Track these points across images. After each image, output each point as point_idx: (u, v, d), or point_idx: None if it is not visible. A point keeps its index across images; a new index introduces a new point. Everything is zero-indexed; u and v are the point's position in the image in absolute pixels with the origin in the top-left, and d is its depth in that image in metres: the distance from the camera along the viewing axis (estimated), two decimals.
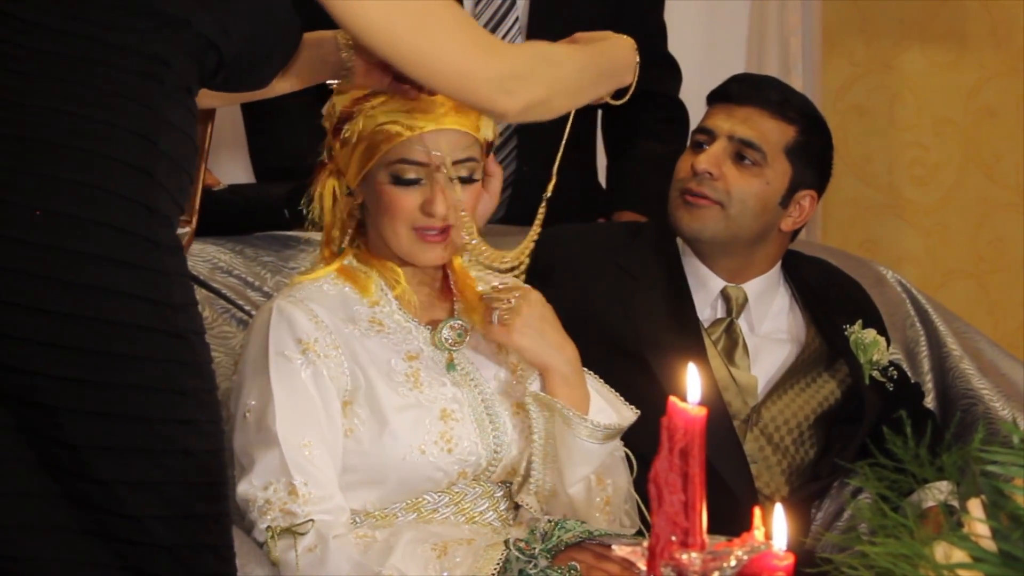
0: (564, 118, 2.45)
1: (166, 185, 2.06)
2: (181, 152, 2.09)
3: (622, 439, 2.59)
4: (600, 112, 3.44)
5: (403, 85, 2.43)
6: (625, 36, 2.43)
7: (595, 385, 2.57)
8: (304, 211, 2.56)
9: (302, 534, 2.35)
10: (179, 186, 2.09)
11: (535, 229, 2.50)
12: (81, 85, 2.02)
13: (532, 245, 2.51)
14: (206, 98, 2.25)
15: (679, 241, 2.94)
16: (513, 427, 2.52)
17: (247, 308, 2.82)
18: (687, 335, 2.85)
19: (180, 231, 2.44)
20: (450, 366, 2.52)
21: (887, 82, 4.61)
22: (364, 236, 2.54)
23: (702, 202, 2.84)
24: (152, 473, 2.03)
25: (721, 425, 2.78)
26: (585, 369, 2.56)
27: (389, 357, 2.48)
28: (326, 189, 2.52)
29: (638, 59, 2.45)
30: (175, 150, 2.08)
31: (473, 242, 2.46)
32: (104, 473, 2.01)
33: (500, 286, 2.52)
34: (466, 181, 2.46)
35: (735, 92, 2.89)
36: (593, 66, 2.41)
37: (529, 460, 2.50)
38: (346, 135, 2.45)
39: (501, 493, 2.55)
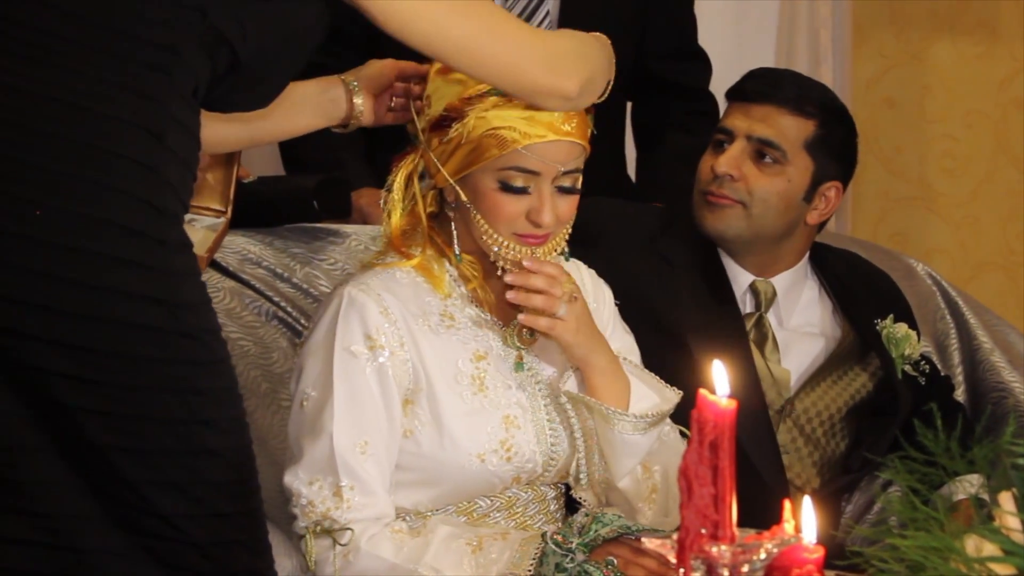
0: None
1: (173, 183, 2.03)
2: (186, 150, 2.06)
3: None
4: (630, 104, 3.45)
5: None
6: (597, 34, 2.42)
7: (634, 371, 2.53)
8: (329, 203, 2.56)
9: (342, 543, 2.33)
10: (185, 185, 2.07)
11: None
12: (87, 76, 1.99)
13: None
14: (223, 131, 2.25)
15: None
16: (566, 428, 2.50)
17: (276, 299, 2.82)
18: (729, 324, 2.85)
19: (215, 221, 2.61)
20: (518, 366, 2.48)
21: (917, 74, 4.60)
22: (439, 228, 2.49)
23: (724, 201, 2.83)
24: (176, 474, 2.02)
25: (758, 415, 2.77)
26: (622, 357, 2.53)
27: (456, 357, 2.44)
28: (404, 179, 2.47)
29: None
30: (181, 148, 2.05)
31: (561, 257, 2.45)
32: (127, 472, 2.01)
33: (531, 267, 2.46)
34: (569, 191, 2.43)
35: (752, 90, 2.87)
36: (601, 46, 2.40)
37: (578, 459, 2.49)
38: (453, 134, 2.39)
39: (552, 495, 2.54)
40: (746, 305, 2.91)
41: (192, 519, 2.03)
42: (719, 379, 1.72)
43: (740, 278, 2.91)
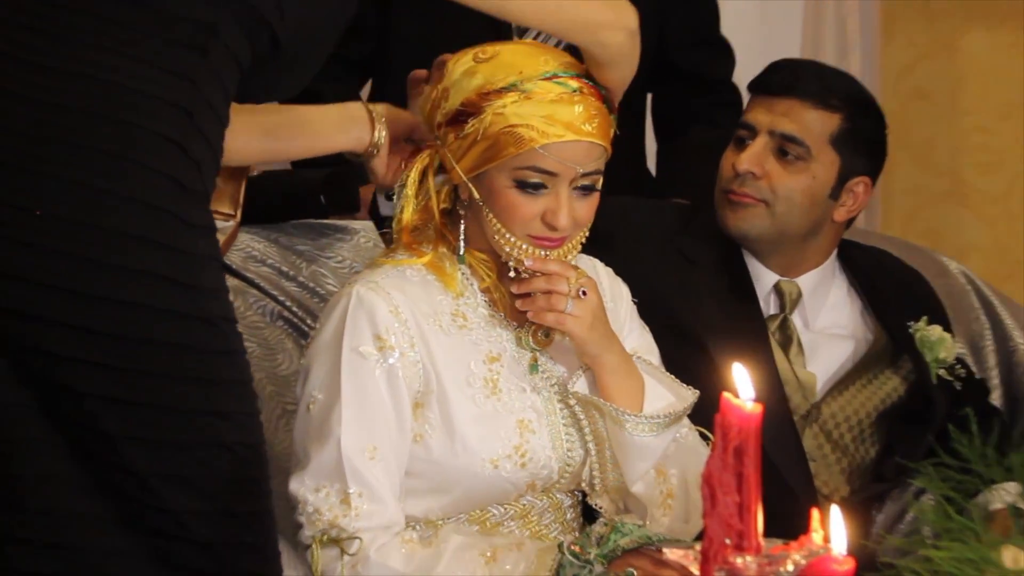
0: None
1: (200, 163, 2.02)
2: (214, 136, 2.05)
3: None
4: (650, 96, 3.43)
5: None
6: None
7: (648, 369, 2.51)
8: (337, 198, 2.56)
9: (350, 552, 2.31)
10: (211, 170, 2.05)
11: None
12: (119, 53, 1.99)
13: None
14: (244, 144, 2.25)
15: None
16: (579, 432, 2.49)
17: (281, 298, 2.81)
18: (750, 324, 2.84)
19: (224, 224, 2.62)
20: (533, 367, 2.47)
21: (950, 65, 4.58)
22: (452, 225, 2.48)
23: (746, 200, 2.83)
24: (187, 467, 2.01)
25: (781, 420, 2.77)
26: (636, 356, 2.52)
27: (468, 360, 2.43)
28: (419, 173, 2.45)
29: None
30: (210, 132, 2.04)
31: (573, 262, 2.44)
32: (137, 464, 1.99)
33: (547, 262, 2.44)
34: (588, 190, 2.40)
35: (774, 83, 2.85)
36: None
37: (590, 464, 2.48)
38: (469, 130, 2.38)
39: (569, 503, 2.53)
40: (770, 306, 2.90)
41: (201, 516, 2.01)
42: (742, 382, 1.70)
43: (764, 278, 2.90)
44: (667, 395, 2.49)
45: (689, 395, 2.49)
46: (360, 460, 2.34)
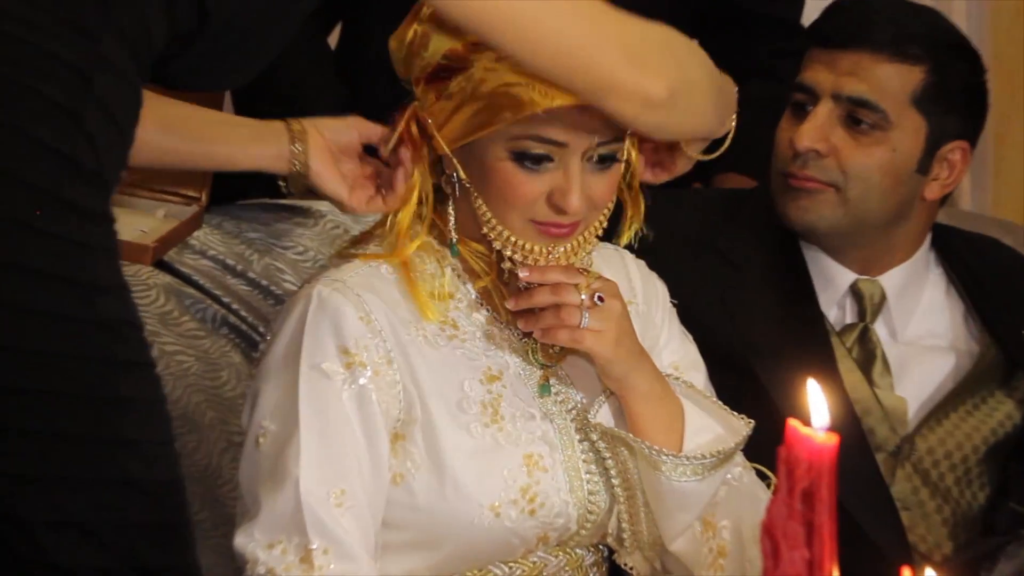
0: None
1: (96, 138, 2.02)
2: (119, 108, 2.07)
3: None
4: (696, 42, 3.42)
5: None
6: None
7: (688, 393, 2.51)
8: None
9: None
10: (111, 149, 2.06)
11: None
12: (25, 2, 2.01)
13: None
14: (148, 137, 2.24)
15: None
16: (603, 473, 2.50)
17: (225, 299, 2.82)
18: (810, 342, 2.85)
19: (182, 209, 2.72)
20: (543, 389, 2.49)
21: None
22: (438, 210, 2.49)
23: (810, 185, 2.84)
24: (80, 510, 2.00)
25: (861, 460, 2.78)
26: (674, 375, 2.53)
27: (461, 379, 2.44)
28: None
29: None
30: (113, 102, 2.05)
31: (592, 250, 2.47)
32: (21, 509, 1.99)
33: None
34: (606, 160, 2.40)
35: (835, 31, 2.86)
36: (713, 69, 2.41)
37: (617, 513, 2.50)
38: (454, 88, 2.38)
39: (592, 560, 2.53)
40: (846, 313, 2.93)
41: (101, 574, 2.02)
42: (815, 404, 1.68)
43: (838, 278, 2.93)
44: (714, 426, 2.49)
45: (742, 426, 2.48)
46: (324, 507, 2.33)
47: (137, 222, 2.78)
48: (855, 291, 2.92)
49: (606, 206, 2.44)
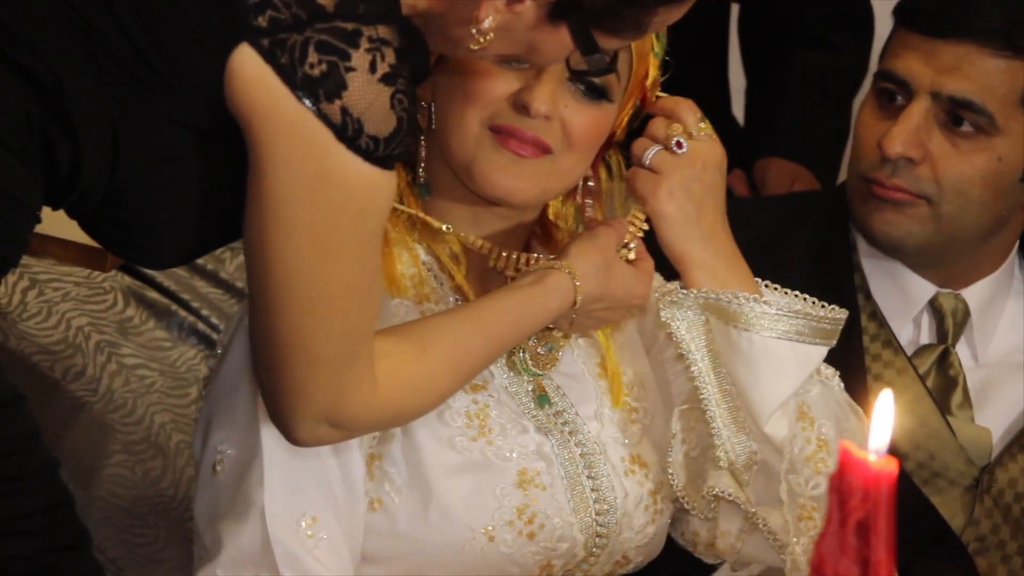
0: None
1: None
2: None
3: None
4: (737, 7, 3.44)
5: None
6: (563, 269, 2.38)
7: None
8: None
9: None
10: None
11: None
12: None
13: None
14: None
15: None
16: (627, 491, 2.44)
17: (194, 305, 2.84)
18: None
19: None
20: (542, 399, 2.46)
21: None
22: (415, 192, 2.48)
23: (899, 196, 2.78)
24: None
25: (912, 499, 2.76)
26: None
27: None
28: None
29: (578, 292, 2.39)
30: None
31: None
32: None
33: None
34: (595, 93, 2.36)
35: (935, 16, 2.75)
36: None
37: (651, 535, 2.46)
38: None
39: None
40: (922, 332, 2.91)
41: None
42: (879, 423, 1.61)
43: (916, 291, 2.89)
44: (795, 304, 2.44)
45: (835, 312, 2.44)
46: (295, 539, 2.30)
47: None
48: (934, 307, 2.88)
49: (584, 147, 2.36)
